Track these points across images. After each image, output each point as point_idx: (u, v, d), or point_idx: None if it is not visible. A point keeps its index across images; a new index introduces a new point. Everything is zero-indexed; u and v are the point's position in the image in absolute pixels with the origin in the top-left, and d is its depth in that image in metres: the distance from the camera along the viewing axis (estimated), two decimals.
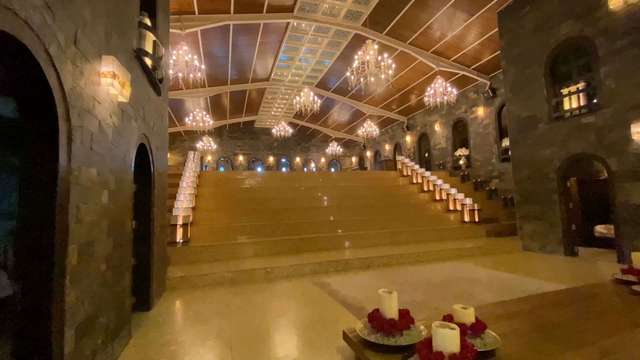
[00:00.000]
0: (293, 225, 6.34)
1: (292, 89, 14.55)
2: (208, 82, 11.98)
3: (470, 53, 9.65)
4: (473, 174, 11.04)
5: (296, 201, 7.60)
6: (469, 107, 11.48)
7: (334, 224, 6.69)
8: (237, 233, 5.90)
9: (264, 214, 6.70)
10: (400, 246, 6.14)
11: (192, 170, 7.21)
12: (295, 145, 24.40)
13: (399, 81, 11.98)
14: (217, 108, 16.05)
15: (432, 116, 13.81)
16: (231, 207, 6.93)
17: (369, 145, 21.51)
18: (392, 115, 15.71)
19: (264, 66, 11.90)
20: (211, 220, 6.31)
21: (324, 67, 11.90)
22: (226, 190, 7.60)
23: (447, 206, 8.65)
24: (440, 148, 13.09)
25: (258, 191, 7.85)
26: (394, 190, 9.67)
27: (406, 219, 7.53)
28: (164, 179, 3.98)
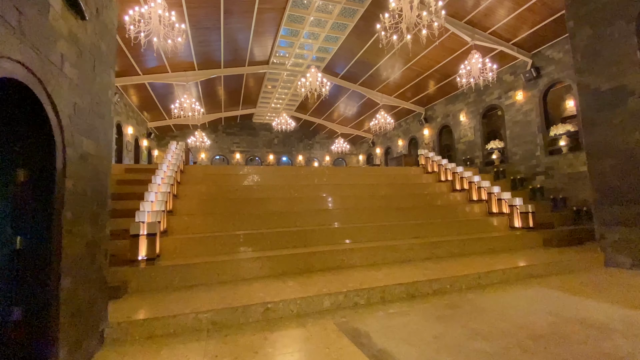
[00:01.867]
0: (300, 235, 4.93)
1: (294, 75, 13.15)
2: (198, 65, 10.61)
3: (506, 26, 8.24)
4: (510, 171, 9.60)
5: (303, 202, 6.19)
6: (504, 91, 10.06)
7: (354, 232, 5.27)
8: (226, 245, 4.49)
9: (263, 219, 5.29)
10: (445, 262, 4.71)
11: (171, 164, 5.81)
12: (298, 142, 23.05)
13: (420, 62, 10.58)
14: (211, 98, 14.68)
15: (455, 105, 12.40)
16: (220, 210, 5.53)
17: (379, 142, 20.14)
18: (408, 105, 14.30)
19: (262, 45, 10.52)
20: (193, 228, 4.90)
21: (334, 45, 10.49)
22: (215, 189, 6.20)
23: (489, 208, 7.22)
24: (467, 141, 11.66)
25: (255, 190, 6.44)
26: (419, 189, 8.25)
27: (442, 225, 6.11)
28: (102, 164, 2.58)
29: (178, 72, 10.52)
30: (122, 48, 8.26)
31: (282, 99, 17.04)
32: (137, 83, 10.49)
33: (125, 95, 11.44)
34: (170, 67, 10.17)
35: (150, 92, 11.74)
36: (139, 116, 13.69)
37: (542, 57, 8.78)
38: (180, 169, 6.65)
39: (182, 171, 6.87)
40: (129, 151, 11.61)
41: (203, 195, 6.03)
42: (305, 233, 4.98)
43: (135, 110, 13.06)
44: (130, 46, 8.24)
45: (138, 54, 8.82)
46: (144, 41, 5.30)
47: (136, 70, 9.69)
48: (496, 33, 8.56)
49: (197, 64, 10.47)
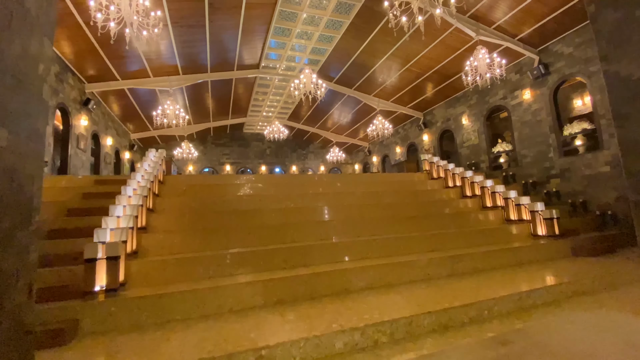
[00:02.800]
0: (299, 252, 4.20)
1: (286, 80, 12.63)
2: (182, 69, 9.99)
3: (512, 20, 7.85)
4: (520, 174, 9.07)
5: (300, 214, 5.47)
6: (509, 91, 9.64)
7: (361, 246, 4.57)
8: (209, 268, 3.74)
9: (255, 234, 4.56)
10: (472, 279, 4.03)
11: (147, 173, 5.08)
12: (291, 152, 22.46)
13: (420, 62, 10.14)
14: (198, 107, 14.03)
15: (456, 108, 11.97)
16: (204, 225, 4.79)
17: (375, 150, 19.66)
18: (406, 110, 13.85)
19: (252, 46, 9.98)
20: (170, 248, 4.14)
21: (328, 46, 10.01)
22: (199, 201, 5.46)
23: (506, 215, 6.60)
24: (471, 145, 11.17)
25: (245, 201, 5.72)
26: (426, 196, 7.62)
27: (458, 236, 5.44)
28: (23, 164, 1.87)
29: (161, 76, 9.88)
30: (96, 48, 7.61)
31: (274, 107, 16.49)
32: (116, 89, 9.81)
33: (104, 103, 10.72)
34: (152, 71, 9.54)
35: (132, 99, 11.05)
36: (120, 127, 12.94)
37: (550, 53, 8.39)
38: (159, 180, 5.92)
39: (162, 182, 6.14)
40: (107, 164, 10.81)
41: (185, 209, 5.28)
42: (304, 250, 4.25)
43: (116, 120, 12.32)
44: (105, 46, 7.60)
45: (115, 55, 8.18)
46: (114, 32, 4.64)
47: (114, 74, 9.03)
48: (501, 28, 8.17)
49: (182, 67, 9.86)
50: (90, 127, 9.35)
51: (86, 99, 8.88)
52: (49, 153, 7.02)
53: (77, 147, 8.39)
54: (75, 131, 8.34)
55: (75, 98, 8.44)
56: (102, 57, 8.05)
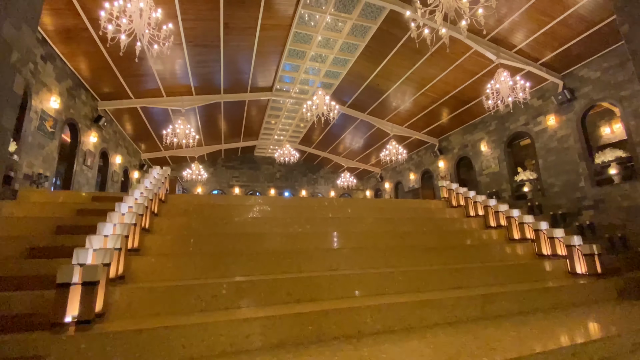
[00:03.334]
0: (305, 283, 3.71)
1: (299, 103, 12.59)
2: (196, 89, 10.03)
3: (535, 44, 7.62)
4: (547, 205, 8.45)
5: (308, 240, 5.01)
6: (532, 117, 9.25)
7: (376, 280, 4.04)
8: (202, 299, 3.29)
9: (257, 260, 4.11)
10: (508, 325, 3.44)
11: (147, 190, 4.78)
12: (301, 176, 22.23)
13: (436, 87, 9.93)
14: (210, 128, 14.07)
15: (474, 134, 11.59)
16: (203, 249, 4.38)
17: (388, 176, 19.24)
18: (420, 136, 13.55)
19: (265, 69, 10.00)
20: (161, 273, 3.73)
21: (342, 70, 9.95)
22: (200, 222, 5.09)
23: (537, 249, 5.97)
24: (491, 173, 10.65)
25: (249, 223, 5.31)
26: (446, 225, 7.06)
27: (486, 271, 4.84)
28: None
29: (174, 96, 9.93)
30: (110, 65, 7.67)
31: (285, 130, 16.47)
32: (129, 107, 9.86)
33: (116, 121, 10.79)
34: (165, 91, 9.59)
35: (144, 118, 11.11)
36: (131, 146, 12.99)
37: (575, 78, 8.05)
38: (160, 198, 5.61)
39: (164, 201, 5.82)
40: (114, 182, 10.69)
41: (183, 230, 4.91)
42: (312, 281, 3.76)
43: (127, 139, 12.38)
44: (119, 64, 7.66)
45: (129, 73, 8.24)
46: (124, 44, 4.54)
47: (127, 92, 9.09)
48: (522, 52, 7.93)
49: (195, 87, 9.90)
50: (99, 144, 9.31)
51: (97, 115, 8.90)
52: (52, 168, 6.88)
53: (83, 163, 8.28)
54: (83, 147, 8.27)
55: (86, 114, 8.46)
56: (116, 74, 8.13)
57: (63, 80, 7.19)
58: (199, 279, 3.69)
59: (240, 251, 4.42)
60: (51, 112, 6.71)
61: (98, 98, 9.13)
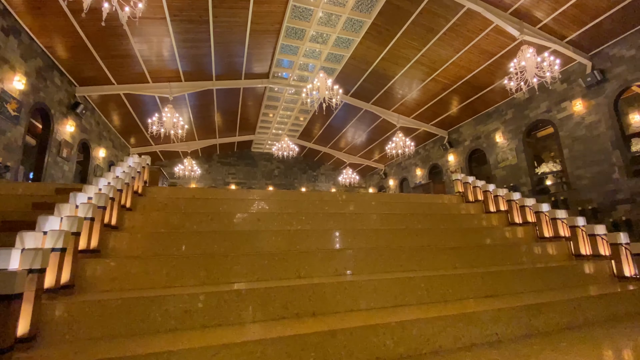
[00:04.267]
0: (306, 292, 2.99)
1: (298, 93, 11.85)
2: (185, 75, 9.29)
3: (562, 18, 6.88)
4: (574, 199, 7.72)
5: (309, 239, 4.28)
6: (555, 103, 8.51)
7: (392, 286, 3.31)
8: (172, 315, 2.57)
9: (246, 263, 3.38)
10: (566, 344, 2.72)
11: (116, 180, 4.06)
12: (301, 173, 21.50)
13: (448, 71, 9.19)
14: (203, 120, 13.33)
15: (488, 124, 10.86)
16: (180, 249, 3.66)
17: (392, 173, 18.52)
18: (429, 128, 12.82)
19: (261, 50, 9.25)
20: (124, 281, 3.00)
21: (345, 52, 9.19)
22: (180, 218, 4.36)
23: (574, 248, 5.24)
24: (508, 166, 9.92)
25: (240, 219, 4.58)
26: (465, 221, 6.33)
27: (519, 275, 4.10)
28: None
29: (161, 82, 9.18)
30: (86, 44, 6.93)
31: (284, 124, 15.73)
32: (111, 95, 9.12)
33: (99, 111, 10.03)
34: (151, 76, 8.84)
35: (129, 108, 10.37)
36: (117, 139, 12.25)
37: (605, 57, 7.32)
38: (136, 190, 4.88)
39: (141, 194, 5.09)
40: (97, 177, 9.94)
41: (160, 227, 4.18)
42: (314, 290, 3.02)
43: (113, 131, 11.63)
44: (96, 42, 6.91)
45: (108, 54, 7.50)
46: (86, 5, 3.80)
47: (108, 77, 8.34)
48: (548, 28, 7.19)
49: (184, 73, 9.16)
50: (78, 134, 8.57)
51: (75, 102, 8.16)
52: (17, 157, 6.16)
53: (58, 154, 7.54)
54: (57, 137, 7.54)
55: (61, 100, 7.72)
56: (93, 55, 7.38)
57: (31, 59, 6.45)
58: (170, 288, 2.97)
59: (227, 253, 3.69)
60: (14, 93, 5.98)
61: (76, 83, 8.39)
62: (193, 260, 3.24)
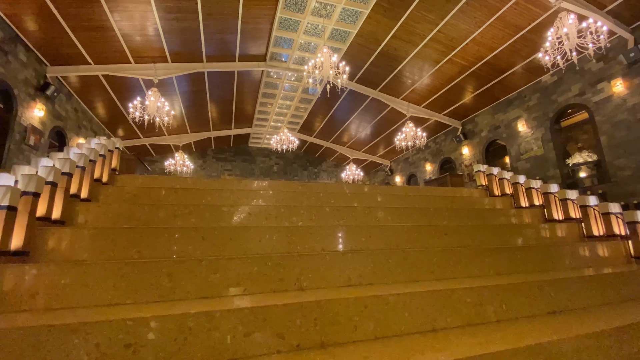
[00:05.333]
0: (312, 312, 2.13)
1: (299, 79, 10.99)
2: (172, 56, 8.43)
3: None
4: (615, 193, 6.87)
5: (312, 237, 3.42)
6: (589, 84, 7.65)
7: (431, 303, 2.47)
8: (104, 357, 1.68)
9: (229, 271, 2.54)
10: None
11: (62, 162, 3.22)
12: (301, 169, 20.67)
13: (468, 50, 8.32)
14: (195, 110, 12.48)
15: (508, 112, 10.00)
16: (143, 250, 2.82)
17: (398, 169, 17.68)
18: (441, 118, 11.96)
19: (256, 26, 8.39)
20: (50, 296, 2.16)
21: (351, 28, 8.32)
22: (150, 212, 3.52)
23: (634, 249, 4.39)
24: (532, 157, 9.06)
25: (226, 214, 3.74)
26: (492, 218, 5.48)
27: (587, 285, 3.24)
28: None
29: (145, 63, 8.33)
30: (51, 10, 6.06)
31: (283, 115, 14.87)
32: (89, 76, 8.26)
33: (77, 97, 9.17)
34: (133, 55, 7.98)
35: (111, 94, 9.51)
36: (101, 130, 11.41)
37: None
38: (98, 178, 4.04)
39: (106, 182, 4.24)
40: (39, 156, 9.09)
41: (122, 222, 3.34)
42: (322, 309, 2.16)
43: (95, 121, 10.78)
44: (62, 8, 6.06)
45: (81, 25, 6.64)
46: None
47: (83, 55, 7.48)
48: None
49: (171, 53, 8.30)
50: (50, 121, 7.73)
51: (44, 83, 7.32)
52: None
53: (23, 142, 6.71)
54: (22, 122, 6.70)
55: (27, 80, 6.89)
56: (62, 26, 6.53)
57: None
58: (115, 307, 2.11)
59: (203, 256, 2.85)
60: None
61: (46, 62, 7.55)
62: (154, 266, 2.39)
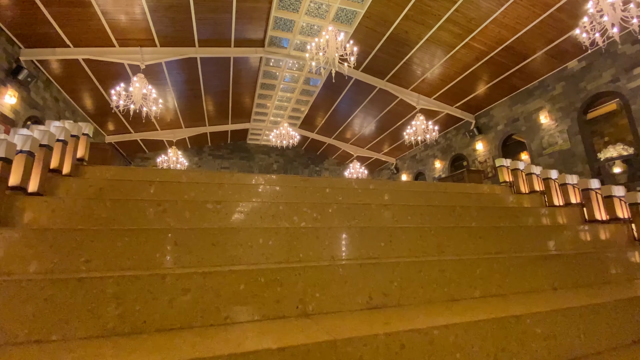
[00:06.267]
0: (328, 355, 1.42)
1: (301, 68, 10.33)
2: (160, 39, 7.76)
3: None
4: None
5: (319, 242, 2.74)
6: (623, 69, 6.96)
7: (496, 335, 1.78)
8: None
9: (208, 292, 1.83)
10: None
11: (4, 144, 2.54)
12: (303, 168, 19.99)
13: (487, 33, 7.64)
14: (188, 102, 11.81)
15: (528, 104, 9.32)
16: (93, 263, 2.12)
17: (404, 167, 17.02)
18: (453, 111, 11.28)
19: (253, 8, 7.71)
20: None
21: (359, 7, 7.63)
22: (115, 210, 2.84)
23: None
24: (557, 152, 8.37)
25: (209, 212, 3.06)
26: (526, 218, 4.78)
27: None
28: None
29: (130, 47, 7.66)
30: None
31: (283, 108, 14.20)
32: (68, 60, 7.59)
33: (57, 84, 8.50)
34: (117, 37, 7.31)
35: (95, 82, 8.84)
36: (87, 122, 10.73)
37: None
38: (56, 168, 3.37)
39: (68, 173, 3.57)
40: None
41: (76, 222, 2.67)
42: (336, 351, 1.47)
43: (79, 113, 10.13)
44: None
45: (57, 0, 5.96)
46: None
47: (60, 36, 6.81)
48: None
49: (159, 36, 7.63)
50: (23, 109, 7.07)
51: (17, 66, 6.66)
52: None
53: None
54: None
55: None
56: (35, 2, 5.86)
57: None
58: (33, 347, 1.44)
59: (168, 270, 2.17)
60: None
61: (20, 43, 6.89)
62: (96, 285, 1.71)
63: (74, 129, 3.73)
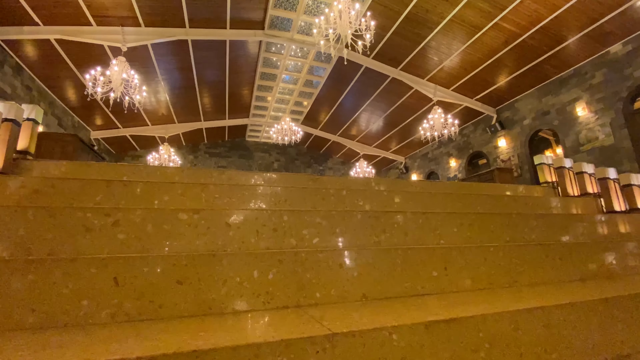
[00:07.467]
0: None
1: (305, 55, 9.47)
2: (144, 17, 6.90)
3: None
4: None
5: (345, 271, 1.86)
6: None
7: None
8: None
9: None
10: None
11: None
12: (305, 167, 19.12)
13: (521, 11, 6.78)
14: (180, 93, 10.95)
15: (561, 94, 8.43)
16: None
17: (415, 166, 16.17)
18: (472, 104, 10.40)
19: None
20: None
21: None
22: (41, 223, 1.94)
23: None
24: (597, 148, 7.49)
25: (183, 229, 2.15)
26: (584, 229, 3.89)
27: None
28: None
29: (109, 26, 6.80)
30: None
31: (285, 102, 13.35)
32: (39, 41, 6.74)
33: (28, 70, 7.64)
34: (93, 14, 6.44)
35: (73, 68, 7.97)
36: (67, 116, 9.90)
37: None
38: None
39: (2, 171, 2.72)
40: None
41: None
42: None
43: (59, 104, 9.27)
44: None
45: None
46: None
47: (25, 10, 5.97)
48: None
49: (142, 12, 6.77)
50: None
51: None
52: None
53: None
54: None
55: None
56: None
57: None
58: None
59: (94, 335, 1.29)
60: None
61: None
62: None
63: (9, 111, 2.87)
